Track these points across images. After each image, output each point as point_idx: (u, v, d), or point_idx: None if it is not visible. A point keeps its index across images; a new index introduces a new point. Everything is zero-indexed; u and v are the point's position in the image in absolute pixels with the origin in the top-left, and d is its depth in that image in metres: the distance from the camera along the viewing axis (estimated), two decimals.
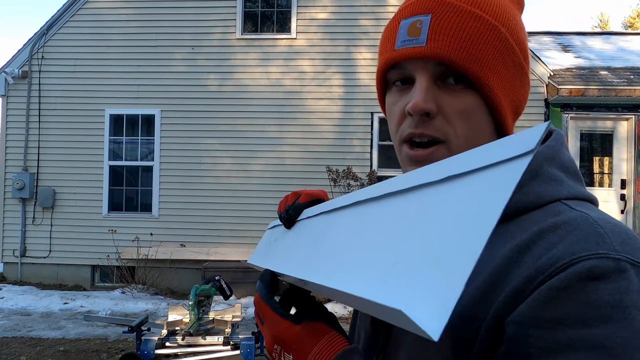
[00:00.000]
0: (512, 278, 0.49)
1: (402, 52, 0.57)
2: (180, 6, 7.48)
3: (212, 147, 7.33)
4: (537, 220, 0.52)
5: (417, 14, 0.58)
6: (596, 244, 0.46)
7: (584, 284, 0.44)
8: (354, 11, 7.34)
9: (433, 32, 0.56)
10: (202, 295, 3.43)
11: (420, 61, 0.57)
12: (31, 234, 7.48)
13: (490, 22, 0.57)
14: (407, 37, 0.57)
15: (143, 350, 3.21)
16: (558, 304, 0.44)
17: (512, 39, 0.58)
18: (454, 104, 0.57)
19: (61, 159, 7.49)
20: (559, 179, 0.56)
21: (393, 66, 0.60)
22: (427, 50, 0.55)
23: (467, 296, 0.52)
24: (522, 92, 0.62)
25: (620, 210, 7.13)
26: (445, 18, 0.56)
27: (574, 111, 7.10)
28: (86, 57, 7.53)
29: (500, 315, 0.48)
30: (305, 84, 7.33)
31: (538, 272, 0.47)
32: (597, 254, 0.45)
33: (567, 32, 9.47)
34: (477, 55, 0.55)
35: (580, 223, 0.49)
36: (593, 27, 26.61)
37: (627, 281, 0.44)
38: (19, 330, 5.32)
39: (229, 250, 7.06)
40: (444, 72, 0.57)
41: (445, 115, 0.57)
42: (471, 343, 0.50)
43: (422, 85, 0.56)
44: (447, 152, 0.57)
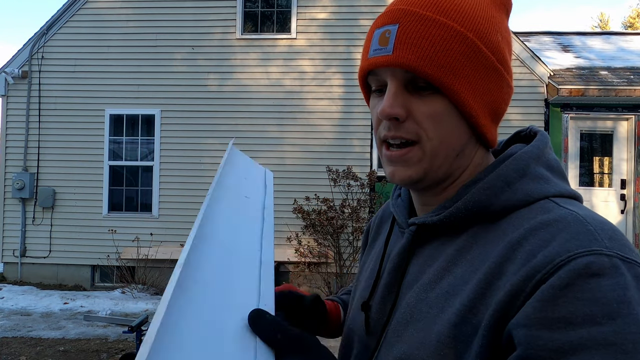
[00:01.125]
0: (507, 275, 0.51)
1: (373, 60, 0.61)
2: (180, 6, 7.48)
3: (212, 147, 7.33)
4: (527, 217, 0.55)
5: (386, 24, 0.61)
6: (589, 241, 0.48)
7: (585, 280, 0.46)
8: (354, 11, 7.34)
9: (398, 42, 0.58)
10: None
11: (390, 69, 0.60)
12: (31, 234, 7.48)
13: (456, 29, 0.58)
14: (377, 46, 0.61)
15: None
16: (563, 303, 0.45)
17: (481, 43, 0.59)
18: (423, 108, 0.59)
19: (61, 159, 7.49)
20: (545, 177, 0.59)
21: (370, 72, 0.63)
22: (393, 59, 0.58)
23: (465, 295, 0.54)
24: (499, 94, 0.63)
25: (620, 210, 7.13)
26: (410, 27, 0.58)
27: (574, 111, 7.10)
28: (86, 57, 7.53)
29: (500, 315, 0.49)
30: (305, 84, 7.33)
31: (535, 271, 0.48)
32: (591, 251, 0.47)
33: (567, 32, 9.47)
34: (440, 62, 0.57)
35: (570, 221, 0.51)
36: (593, 27, 26.61)
37: (623, 277, 0.46)
38: (19, 330, 5.31)
39: None
40: (413, 78, 0.59)
41: (415, 119, 0.60)
42: (469, 342, 0.52)
43: (390, 92, 0.60)
44: (421, 153, 0.60)
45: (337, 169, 6.71)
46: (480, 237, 0.58)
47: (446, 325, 0.54)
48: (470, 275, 0.55)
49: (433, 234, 0.64)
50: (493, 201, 0.58)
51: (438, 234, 0.63)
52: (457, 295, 0.55)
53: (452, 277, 0.57)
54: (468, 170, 0.64)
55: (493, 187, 0.59)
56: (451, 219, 0.61)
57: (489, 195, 0.59)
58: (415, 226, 0.65)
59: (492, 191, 0.59)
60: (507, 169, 0.60)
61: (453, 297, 0.56)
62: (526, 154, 0.61)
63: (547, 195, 0.57)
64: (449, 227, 0.61)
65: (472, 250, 0.58)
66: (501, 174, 0.60)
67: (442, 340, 0.54)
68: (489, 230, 0.58)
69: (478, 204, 0.59)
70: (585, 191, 7.22)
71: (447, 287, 0.57)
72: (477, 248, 0.57)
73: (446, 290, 0.57)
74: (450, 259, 0.59)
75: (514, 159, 0.61)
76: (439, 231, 0.63)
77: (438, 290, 0.58)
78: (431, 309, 0.57)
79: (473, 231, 0.59)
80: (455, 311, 0.54)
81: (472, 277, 0.55)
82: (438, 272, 0.59)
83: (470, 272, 0.56)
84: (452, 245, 0.60)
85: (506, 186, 0.58)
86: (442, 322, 0.55)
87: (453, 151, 0.61)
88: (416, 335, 0.58)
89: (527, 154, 0.61)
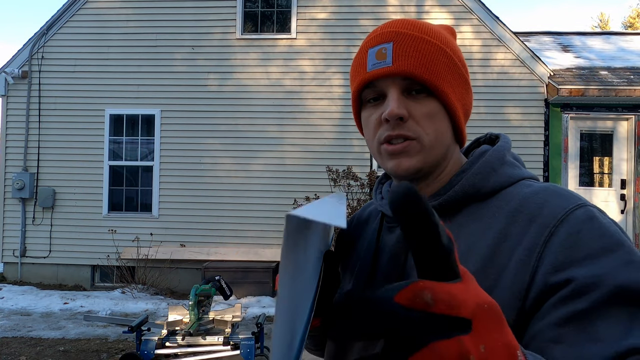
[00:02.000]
0: (513, 237, 0.63)
1: (374, 72, 0.70)
2: (180, 6, 7.48)
3: (212, 147, 7.33)
4: (516, 192, 0.68)
5: (381, 43, 0.71)
6: (573, 198, 0.63)
7: (589, 224, 0.59)
8: (354, 11, 7.34)
9: (396, 55, 0.69)
10: (202, 295, 3.43)
11: (389, 78, 0.70)
12: (31, 234, 7.48)
13: (439, 45, 0.71)
14: (376, 61, 0.71)
15: (143, 350, 3.21)
16: (582, 244, 0.57)
17: (455, 58, 0.73)
18: (420, 109, 0.70)
19: (61, 159, 7.49)
20: (517, 165, 0.75)
21: (367, 86, 0.72)
22: (394, 68, 0.69)
23: (474, 261, 0.64)
24: (468, 99, 0.76)
25: (620, 210, 7.13)
26: (404, 44, 0.70)
27: (574, 111, 7.10)
28: (86, 57, 7.53)
29: (520, 268, 0.60)
30: (305, 84, 7.33)
31: (544, 227, 0.61)
32: (579, 205, 0.62)
33: (567, 32, 9.47)
34: (433, 69, 0.69)
35: (552, 188, 0.66)
36: (593, 27, 26.61)
37: (605, 217, 0.61)
38: (19, 330, 5.31)
39: (229, 250, 7.06)
40: (409, 85, 0.70)
41: (415, 119, 0.70)
42: (490, 291, 0.59)
43: (394, 96, 0.69)
44: (420, 146, 0.70)
45: (337, 169, 6.71)
46: (474, 214, 0.70)
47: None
48: (474, 245, 0.66)
49: None
50: (484, 183, 0.71)
51: None
52: (465, 264, 0.63)
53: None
54: (450, 164, 0.75)
55: (483, 172, 0.72)
56: (449, 202, 0.72)
57: (480, 179, 0.71)
58: None
59: (482, 175, 0.71)
60: (491, 158, 0.73)
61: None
62: (501, 147, 0.75)
63: (523, 177, 0.72)
64: (444, 211, 0.72)
65: (469, 226, 0.69)
66: (487, 162, 0.72)
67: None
68: (481, 207, 0.70)
69: (473, 186, 0.71)
70: (585, 191, 7.22)
71: None
72: (474, 223, 0.69)
73: None
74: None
75: (494, 151, 0.74)
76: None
77: None
78: None
79: (467, 211, 0.71)
80: (472, 270, 0.61)
81: (477, 246, 0.65)
82: None
83: (473, 242, 0.66)
84: (449, 226, 0.70)
85: (493, 171, 0.72)
86: None
87: (444, 146, 0.73)
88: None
89: (501, 147, 0.75)
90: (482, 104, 7.11)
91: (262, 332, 3.50)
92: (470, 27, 7.23)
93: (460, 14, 7.25)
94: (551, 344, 0.53)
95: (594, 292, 0.53)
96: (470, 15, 7.22)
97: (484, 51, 7.19)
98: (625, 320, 0.51)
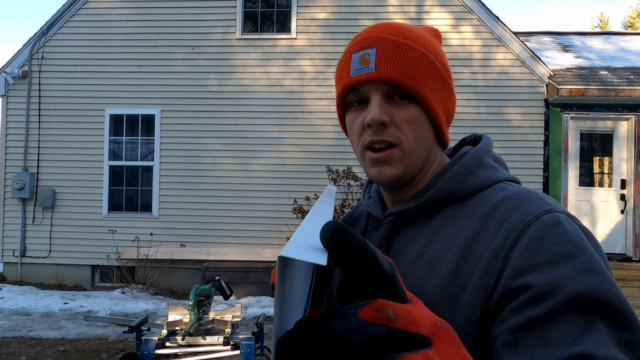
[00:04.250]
0: (483, 240, 0.64)
1: (357, 77, 0.71)
2: (180, 6, 7.48)
3: (212, 147, 7.33)
4: (490, 196, 0.69)
5: (364, 48, 0.72)
6: (543, 204, 0.64)
7: (553, 229, 0.60)
8: (354, 11, 7.34)
9: (379, 60, 0.70)
10: (202, 295, 3.43)
11: (372, 83, 0.71)
12: (31, 234, 7.48)
13: (421, 51, 0.72)
14: (359, 66, 0.72)
15: (143, 350, 3.21)
16: (544, 249, 0.58)
17: (438, 63, 0.74)
18: (402, 115, 0.71)
19: (61, 159, 7.49)
20: (496, 167, 0.76)
21: (350, 90, 0.74)
22: (377, 74, 0.70)
23: (448, 261, 0.66)
24: (451, 103, 0.78)
25: (620, 210, 7.13)
26: (387, 50, 0.71)
27: (574, 111, 7.10)
28: (86, 57, 7.53)
29: (486, 271, 0.61)
30: (305, 84, 7.33)
31: (511, 231, 0.62)
32: (547, 210, 0.63)
33: (567, 32, 9.47)
34: (414, 75, 0.70)
35: (525, 194, 0.67)
36: (593, 27, 26.61)
37: (573, 224, 0.62)
38: (19, 330, 5.31)
39: (229, 250, 7.06)
40: (392, 91, 0.71)
41: (397, 124, 0.71)
42: (457, 299, 0.62)
43: (376, 102, 0.71)
44: (402, 153, 0.72)
45: (337, 169, 6.71)
46: (451, 216, 0.71)
47: (436, 288, 0.65)
48: (449, 246, 0.67)
49: (409, 222, 0.75)
50: (461, 186, 0.72)
51: (413, 221, 0.75)
52: (440, 263, 0.67)
53: (432, 251, 0.69)
54: (433, 167, 0.77)
55: (460, 175, 0.73)
56: (427, 204, 0.73)
57: (457, 181, 0.72)
58: (393, 216, 0.76)
59: (459, 178, 0.73)
60: (469, 160, 0.74)
61: (437, 266, 0.67)
62: (480, 150, 0.76)
63: (500, 179, 0.73)
64: (422, 212, 0.74)
65: (446, 227, 0.70)
66: (464, 164, 0.74)
67: (435, 302, 0.64)
68: (458, 209, 0.71)
69: (449, 189, 0.72)
70: (585, 191, 7.22)
71: (430, 259, 0.68)
72: (450, 224, 0.70)
73: (429, 261, 0.68)
74: (428, 237, 0.71)
75: (472, 153, 0.75)
76: (414, 217, 0.75)
77: (421, 263, 0.69)
78: (419, 279, 0.68)
79: (444, 212, 0.72)
80: (443, 275, 0.65)
81: (452, 247, 0.67)
82: (419, 250, 0.71)
83: (448, 243, 0.68)
84: (427, 227, 0.72)
85: (469, 174, 0.73)
86: (432, 288, 0.66)
87: (424, 150, 0.74)
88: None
89: (480, 149, 0.76)
90: (482, 104, 7.11)
91: (262, 332, 3.50)
92: (470, 27, 7.23)
93: (460, 14, 7.24)
94: (507, 348, 0.55)
95: (551, 299, 0.54)
96: (470, 15, 7.22)
97: (484, 51, 7.19)
98: (580, 327, 0.52)
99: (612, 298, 0.53)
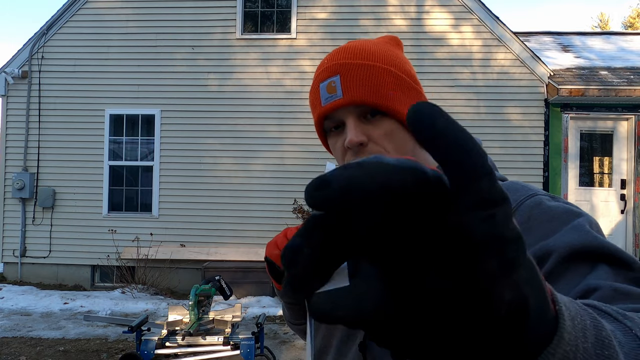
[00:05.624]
0: None
1: (328, 106, 0.76)
2: (180, 6, 7.48)
3: (212, 147, 7.33)
4: None
5: (328, 77, 0.76)
6: (526, 190, 0.68)
7: (537, 209, 0.63)
8: (354, 11, 7.34)
9: (344, 87, 0.74)
10: (202, 295, 3.43)
11: (344, 108, 0.75)
12: (31, 234, 7.48)
13: (382, 67, 0.76)
14: (327, 95, 0.76)
15: (143, 350, 3.21)
16: (533, 230, 0.60)
17: (401, 73, 0.77)
18: (377, 131, 0.75)
19: (61, 159, 7.49)
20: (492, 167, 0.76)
21: (326, 118, 0.78)
22: (345, 100, 0.74)
23: None
24: None
25: (620, 210, 7.13)
26: (349, 74, 0.75)
27: (574, 111, 7.10)
28: (86, 57, 7.53)
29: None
30: (305, 84, 7.32)
31: None
32: (530, 195, 0.66)
33: (567, 32, 9.47)
34: (380, 92, 0.74)
35: (510, 184, 0.71)
36: (593, 27, 26.61)
37: (557, 200, 0.65)
38: (19, 330, 5.31)
39: (229, 250, 7.06)
40: (364, 111, 0.75)
41: (375, 141, 0.75)
42: None
43: (351, 125, 0.75)
44: None
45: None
46: None
47: None
48: None
49: None
50: None
51: None
52: None
53: None
54: None
55: None
56: None
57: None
58: None
59: None
60: None
61: None
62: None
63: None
64: None
65: None
66: None
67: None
68: None
69: None
70: (585, 191, 7.22)
71: None
72: None
73: None
74: None
75: None
76: None
77: None
78: None
79: None
80: None
81: None
82: None
83: None
84: None
85: None
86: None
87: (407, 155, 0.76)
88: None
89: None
90: (482, 104, 7.11)
91: (262, 332, 3.50)
92: (470, 27, 7.23)
93: (460, 14, 7.24)
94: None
95: (548, 261, 0.56)
96: (470, 15, 7.22)
97: (484, 51, 7.19)
98: (584, 273, 0.54)
99: (606, 245, 0.56)
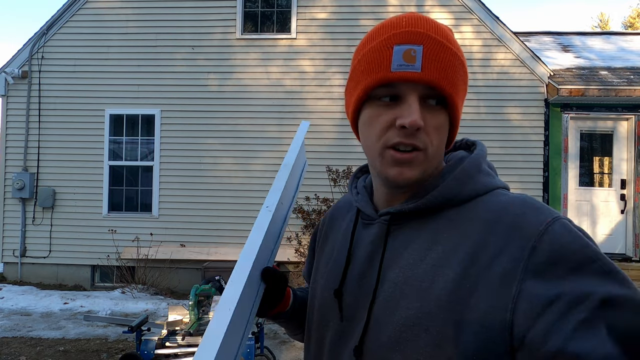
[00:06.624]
0: (492, 246, 0.64)
1: (400, 74, 0.68)
2: (180, 6, 7.48)
3: (212, 147, 7.33)
4: (492, 201, 0.70)
5: (410, 43, 0.68)
6: (548, 212, 0.64)
7: (568, 236, 0.60)
8: (354, 11, 7.34)
9: (426, 61, 0.67)
10: (202, 295, 3.43)
11: (413, 84, 0.68)
12: (31, 234, 7.48)
13: (458, 55, 0.70)
14: (403, 62, 0.68)
15: (143, 350, 3.21)
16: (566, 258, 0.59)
17: (466, 67, 0.73)
18: (433, 121, 0.70)
19: (61, 159, 7.49)
20: (491, 174, 0.76)
21: (385, 84, 0.70)
22: (423, 75, 0.67)
23: (455, 264, 0.65)
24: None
25: (620, 211, 7.13)
26: (433, 50, 0.68)
27: (574, 111, 7.10)
28: (86, 57, 7.53)
29: (504, 279, 0.61)
30: (305, 84, 7.33)
31: (526, 240, 0.61)
32: (555, 218, 0.63)
33: (567, 32, 9.47)
34: (454, 82, 0.69)
35: (526, 200, 0.68)
36: (593, 27, 26.61)
37: (578, 228, 0.63)
38: (19, 330, 5.31)
39: (229, 250, 7.06)
40: (429, 94, 0.69)
41: (427, 130, 0.69)
42: (466, 303, 0.62)
43: (415, 105, 0.68)
44: (424, 156, 0.71)
45: (337, 169, 6.71)
46: (451, 220, 0.70)
47: (443, 291, 0.65)
48: (454, 249, 0.67)
49: (403, 221, 0.75)
50: (461, 190, 0.72)
51: (408, 221, 0.75)
52: (445, 266, 0.66)
53: (435, 253, 0.68)
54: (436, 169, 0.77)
55: (461, 179, 0.73)
56: (428, 205, 0.72)
57: (458, 185, 0.72)
58: (389, 215, 0.76)
59: (460, 182, 0.72)
60: (469, 165, 0.74)
61: (442, 268, 0.66)
62: (478, 156, 0.76)
63: (497, 186, 0.74)
64: (420, 214, 0.73)
65: (449, 231, 0.69)
66: (465, 169, 0.73)
67: (441, 305, 0.64)
68: (457, 213, 0.71)
69: (450, 192, 0.72)
70: (585, 191, 7.21)
71: (434, 261, 0.68)
72: (453, 228, 0.69)
73: (433, 264, 0.67)
74: (429, 240, 0.70)
75: (472, 158, 0.75)
76: (410, 218, 0.75)
77: (424, 265, 0.68)
78: (423, 282, 0.67)
79: (444, 215, 0.71)
80: (449, 279, 0.65)
81: (457, 250, 0.66)
82: (420, 251, 0.70)
83: (453, 246, 0.67)
84: (426, 229, 0.72)
85: (469, 179, 0.73)
86: (437, 291, 0.65)
87: (441, 156, 0.75)
88: (412, 306, 0.67)
89: (478, 155, 0.76)
90: (482, 104, 7.11)
91: (262, 332, 3.50)
92: (470, 27, 7.23)
93: (460, 14, 7.25)
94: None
95: (584, 304, 0.56)
96: (470, 15, 7.22)
97: (484, 51, 7.19)
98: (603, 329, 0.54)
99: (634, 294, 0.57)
